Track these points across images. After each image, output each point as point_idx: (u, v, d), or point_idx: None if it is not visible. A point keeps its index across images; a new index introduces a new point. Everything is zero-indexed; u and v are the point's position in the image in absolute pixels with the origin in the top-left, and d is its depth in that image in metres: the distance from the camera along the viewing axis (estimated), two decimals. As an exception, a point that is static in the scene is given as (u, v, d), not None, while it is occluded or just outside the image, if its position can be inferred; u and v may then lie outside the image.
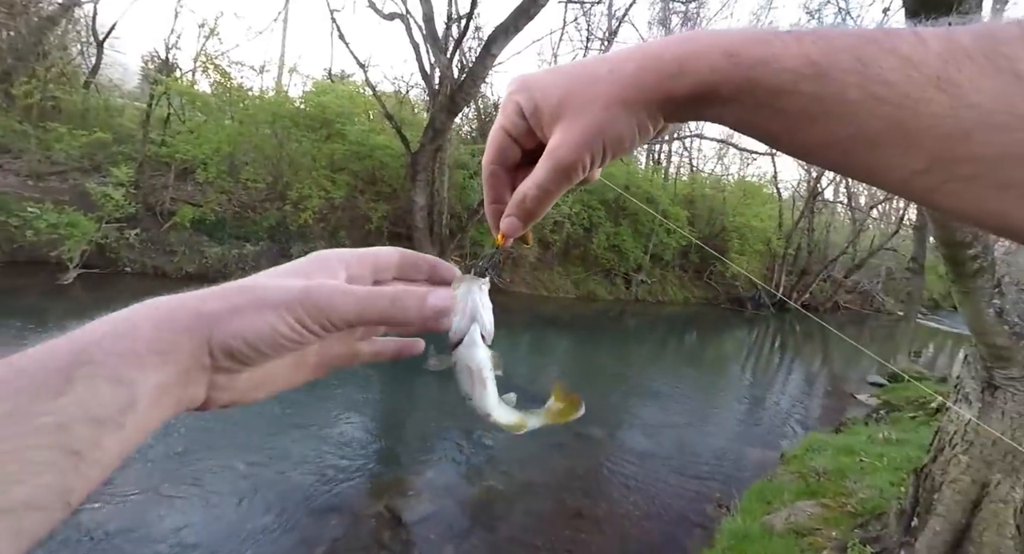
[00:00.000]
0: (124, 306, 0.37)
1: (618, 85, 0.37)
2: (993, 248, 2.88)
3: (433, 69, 12.84)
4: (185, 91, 12.52)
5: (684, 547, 4.37)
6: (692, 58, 0.34)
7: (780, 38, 0.33)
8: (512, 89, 0.42)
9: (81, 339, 0.33)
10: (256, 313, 0.37)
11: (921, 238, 9.18)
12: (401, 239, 14.29)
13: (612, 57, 0.38)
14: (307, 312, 0.38)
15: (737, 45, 0.33)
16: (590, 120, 0.38)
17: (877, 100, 0.30)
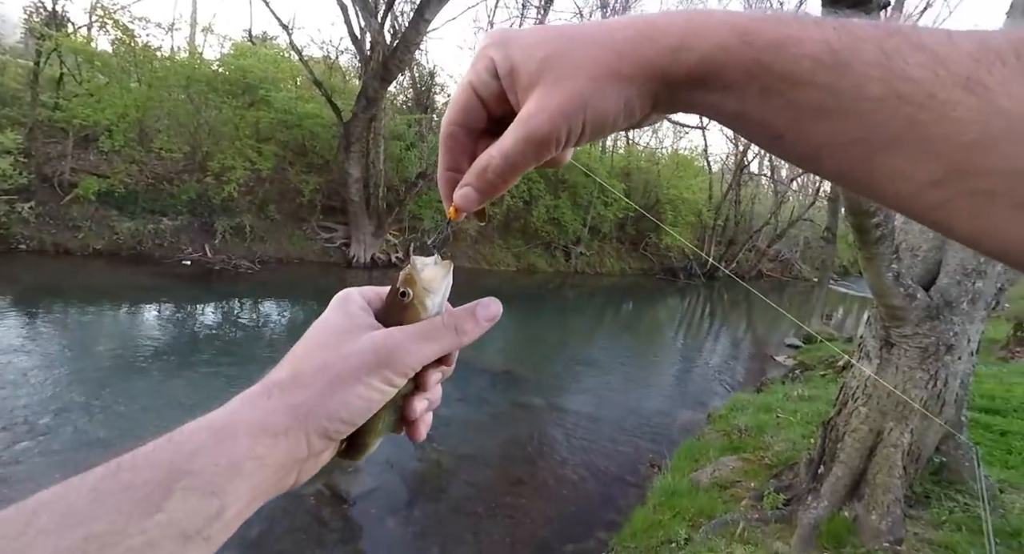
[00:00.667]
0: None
1: (611, 53, 0.33)
2: (893, 217, 3.13)
3: (364, 34, 12.23)
4: (80, 49, 11.27)
5: (619, 506, 4.61)
6: (698, 32, 0.31)
7: (798, 21, 0.30)
8: (487, 43, 0.37)
9: (182, 447, 0.33)
10: (345, 389, 0.37)
11: (834, 209, 9.85)
12: (335, 213, 13.78)
13: (609, 22, 0.34)
14: (391, 369, 0.38)
15: (750, 23, 0.30)
16: (574, 88, 0.33)
17: (899, 98, 0.27)
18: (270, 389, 0.38)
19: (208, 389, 5.71)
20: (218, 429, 0.35)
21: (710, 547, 3.34)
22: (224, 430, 0.35)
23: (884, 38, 0.28)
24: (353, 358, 0.38)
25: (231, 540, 0.34)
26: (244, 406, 0.37)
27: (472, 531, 4.09)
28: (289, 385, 0.38)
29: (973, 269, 3.26)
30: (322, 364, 0.38)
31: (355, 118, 11.98)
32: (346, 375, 0.37)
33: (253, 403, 0.37)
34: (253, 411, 0.36)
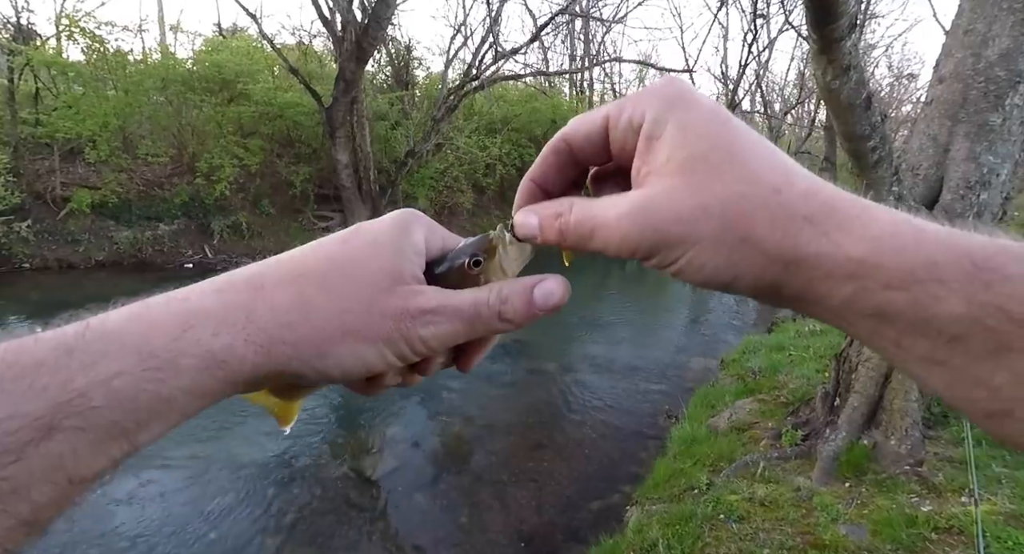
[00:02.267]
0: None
1: (772, 197, 0.29)
2: (890, 138, 3.02)
3: (333, 14, 11.86)
4: (52, 61, 11.05)
5: (640, 459, 4.66)
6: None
7: None
8: (656, 92, 0.32)
9: (85, 369, 0.25)
10: (349, 348, 0.31)
11: (831, 138, 9.63)
12: (329, 201, 13.69)
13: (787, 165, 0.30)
14: (411, 347, 0.33)
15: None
16: (709, 213, 0.29)
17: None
18: (252, 314, 0.30)
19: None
20: (153, 352, 0.27)
21: (732, 490, 3.38)
22: (161, 354, 0.27)
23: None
24: (376, 318, 0.32)
25: (262, 527, 0.28)
26: (200, 326, 0.29)
27: (498, 498, 4.17)
28: (287, 314, 0.30)
29: (977, 181, 3.16)
30: (338, 310, 0.32)
31: (336, 103, 11.74)
32: (359, 332, 0.31)
33: (216, 327, 0.29)
34: (213, 337, 0.28)
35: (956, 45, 3.26)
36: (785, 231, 0.29)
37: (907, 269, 0.26)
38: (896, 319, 0.27)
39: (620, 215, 0.31)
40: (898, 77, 26.02)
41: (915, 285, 0.26)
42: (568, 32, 21.00)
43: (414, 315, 0.32)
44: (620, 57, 22.02)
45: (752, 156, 0.30)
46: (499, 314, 0.34)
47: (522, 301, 0.34)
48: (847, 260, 0.28)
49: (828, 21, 2.35)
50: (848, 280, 0.28)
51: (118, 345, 0.27)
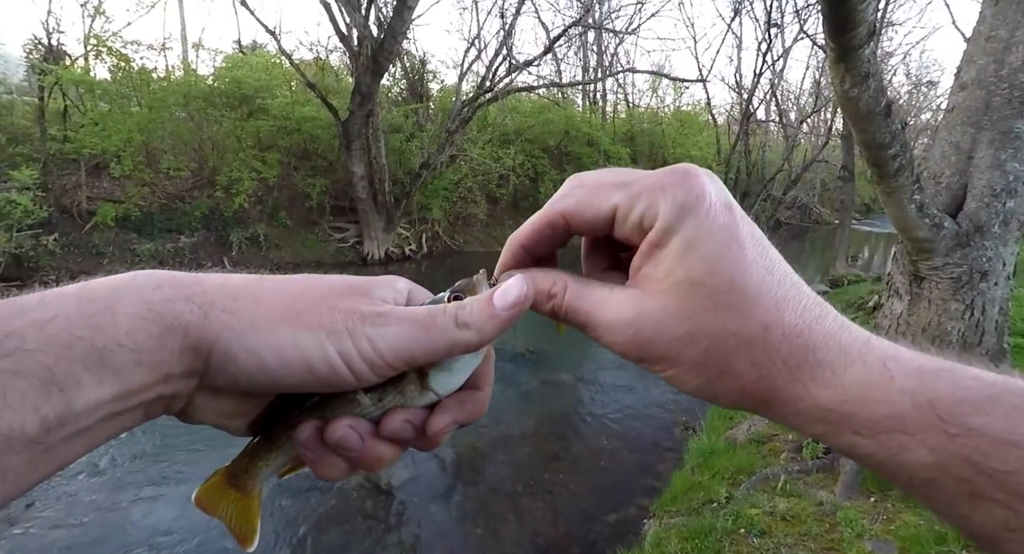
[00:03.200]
0: None
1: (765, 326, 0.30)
2: (911, 146, 2.98)
3: (350, 29, 12.10)
4: (80, 79, 11.39)
5: (657, 471, 4.59)
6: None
7: None
8: (669, 183, 0.34)
9: (22, 313, 0.25)
10: (288, 329, 0.29)
11: (849, 146, 9.51)
12: (345, 212, 13.85)
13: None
14: (356, 344, 0.30)
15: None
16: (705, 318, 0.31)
17: None
18: (205, 280, 0.30)
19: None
20: (91, 297, 0.26)
21: (752, 503, 3.31)
22: (99, 300, 0.26)
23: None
24: (323, 308, 0.30)
25: (279, 537, 0.27)
26: (144, 282, 0.28)
27: (513, 510, 4.13)
28: (232, 288, 0.30)
29: (1002, 189, 3.10)
30: (286, 296, 0.30)
31: (352, 116, 11.92)
32: (302, 318, 0.29)
33: (160, 281, 0.28)
34: (157, 289, 0.28)
35: (978, 51, 3.22)
36: (762, 373, 0.30)
37: (873, 420, 0.28)
38: (868, 460, 0.28)
39: (613, 321, 0.32)
40: (916, 85, 25.70)
41: (881, 435, 0.27)
42: (581, 44, 21.13)
43: (365, 315, 0.31)
44: (633, 68, 22.08)
45: (750, 286, 0.30)
46: (455, 317, 0.32)
47: (479, 303, 0.33)
48: (816, 407, 0.29)
49: (846, 30, 2.34)
50: (819, 423, 0.29)
51: (59, 293, 0.26)
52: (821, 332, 0.30)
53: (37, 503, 3.90)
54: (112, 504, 4.03)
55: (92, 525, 3.81)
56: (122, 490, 4.20)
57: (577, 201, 0.34)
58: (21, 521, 3.73)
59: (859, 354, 0.29)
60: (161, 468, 4.46)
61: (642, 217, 0.32)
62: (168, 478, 4.35)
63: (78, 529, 3.76)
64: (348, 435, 0.33)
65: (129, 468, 4.45)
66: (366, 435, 0.33)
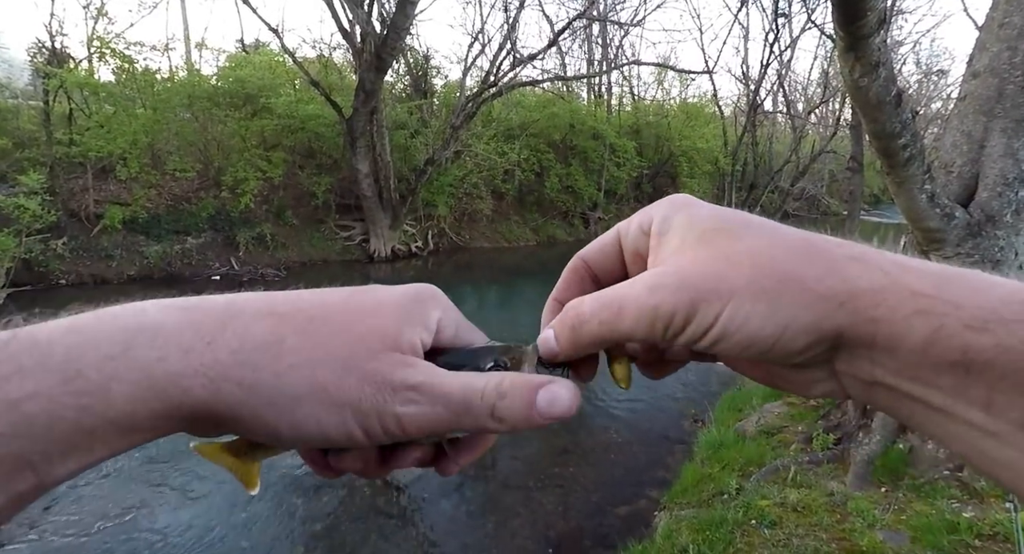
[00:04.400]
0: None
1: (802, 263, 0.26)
2: (921, 136, 2.95)
3: (353, 26, 12.08)
4: (84, 82, 11.45)
5: (667, 464, 4.60)
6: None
7: None
8: (660, 203, 0.33)
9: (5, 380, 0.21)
10: (311, 408, 0.27)
11: (858, 136, 9.40)
12: (351, 210, 13.88)
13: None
14: (381, 421, 0.28)
15: None
16: (727, 273, 0.27)
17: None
18: (213, 344, 0.25)
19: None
20: (81, 371, 0.22)
21: (763, 495, 3.31)
22: (91, 374, 0.23)
23: None
24: (352, 380, 0.27)
25: (291, 535, 0.26)
26: (144, 343, 0.24)
27: (524, 504, 4.15)
28: (252, 352, 0.26)
29: (1015, 178, 3.06)
30: (311, 360, 0.27)
31: (356, 113, 11.93)
32: (328, 393, 0.27)
33: (162, 344, 0.24)
34: (158, 361, 0.24)
35: (991, 39, 3.18)
36: (828, 268, 0.26)
37: (988, 307, 0.22)
38: (985, 370, 0.22)
39: (647, 286, 0.28)
40: (926, 74, 25.40)
41: (1000, 327, 0.22)
42: (586, 36, 21.01)
43: (396, 387, 0.28)
44: (639, 60, 21.93)
45: (769, 224, 0.29)
46: (492, 410, 0.29)
47: (522, 401, 0.29)
48: (912, 294, 0.24)
49: (855, 18, 2.32)
50: (920, 315, 0.23)
51: (39, 359, 0.22)
52: (876, 249, 0.27)
53: (55, 506, 3.96)
54: (128, 504, 4.09)
55: (108, 526, 3.86)
56: (137, 490, 4.25)
57: (591, 244, 0.36)
58: (40, 523, 3.79)
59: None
60: (173, 467, 4.51)
61: (640, 223, 0.33)
62: (181, 476, 4.40)
63: (95, 530, 3.82)
64: (353, 464, 0.32)
65: (144, 469, 4.50)
66: (372, 463, 0.32)
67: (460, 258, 14.74)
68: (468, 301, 10.65)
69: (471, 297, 11.09)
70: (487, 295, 11.36)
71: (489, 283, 12.37)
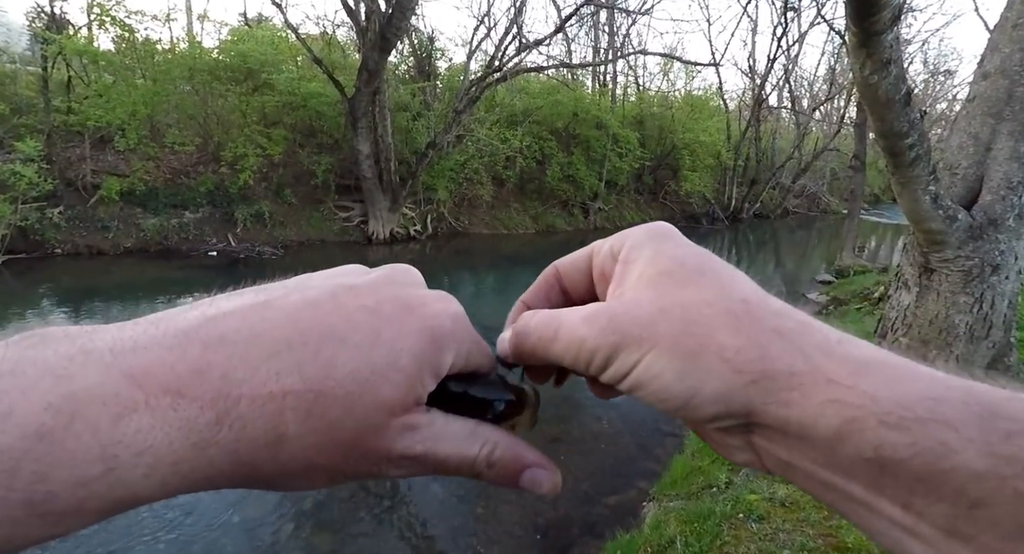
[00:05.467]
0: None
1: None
2: (928, 136, 2.93)
3: (358, 3, 11.90)
4: (84, 49, 11.27)
5: (657, 455, 4.63)
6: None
7: None
8: (640, 229, 0.34)
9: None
10: (307, 478, 0.27)
11: (862, 135, 9.39)
12: (351, 191, 13.80)
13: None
14: (373, 477, 0.29)
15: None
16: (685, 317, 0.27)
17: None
18: (223, 432, 0.23)
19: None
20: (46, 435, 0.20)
21: (751, 489, 3.34)
22: (55, 439, 0.20)
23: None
24: (352, 459, 0.27)
25: (280, 512, 0.26)
26: (173, 399, 0.22)
27: (513, 490, 4.18)
28: (250, 447, 0.24)
29: (1019, 182, 3.05)
30: (314, 448, 0.26)
31: (358, 93, 11.79)
32: (326, 470, 0.27)
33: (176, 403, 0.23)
34: (172, 427, 0.22)
35: (1003, 40, 3.14)
36: (751, 339, 0.25)
37: (904, 404, 0.21)
38: (900, 470, 0.21)
39: (583, 317, 0.29)
40: (933, 74, 25.25)
41: (916, 426, 0.21)
42: (593, 24, 20.77)
43: (393, 458, 0.28)
44: (645, 50, 21.73)
45: (724, 274, 0.29)
46: (479, 474, 0.30)
47: (508, 474, 0.31)
48: (827, 381, 0.23)
49: (869, 13, 2.28)
50: (832, 405, 0.23)
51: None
52: (815, 320, 0.27)
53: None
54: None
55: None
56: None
57: (568, 256, 0.37)
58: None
59: (866, 343, 0.25)
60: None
61: (612, 245, 0.34)
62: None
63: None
64: None
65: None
66: None
67: (459, 243, 14.69)
68: (466, 286, 10.64)
69: (469, 283, 11.08)
70: (484, 281, 11.35)
71: (487, 269, 12.35)
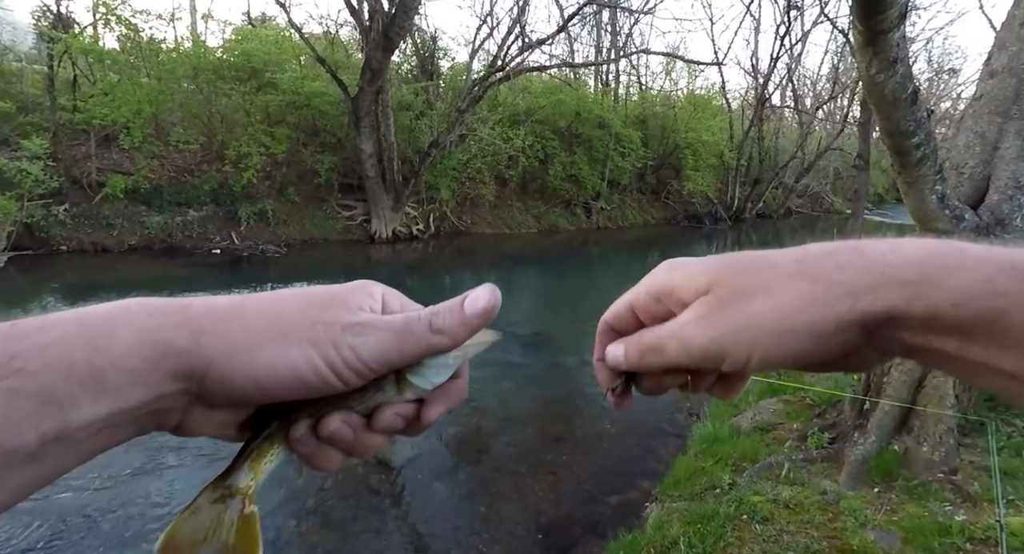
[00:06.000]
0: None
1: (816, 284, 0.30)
2: (935, 135, 2.91)
3: (361, 3, 11.90)
4: (89, 48, 11.31)
5: (660, 455, 4.62)
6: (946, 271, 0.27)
7: None
8: (658, 267, 0.38)
9: (24, 337, 0.26)
10: (276, 346, 0.31)
11: (866, 134, 9.34)
12: (354, 190, 13.80)
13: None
14: (340, 354, 0.32)
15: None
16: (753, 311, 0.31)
17: None
18: (193, 304, 0.31)
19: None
20: (94, 321, 0.28)
21: (755, 490, 3.32)
22: (102, 323, 0.28)
23: None
24: (310, 322, 0.32)
25: (284, 511, 0.27)
26: (138, 310, 0.29)
27: (516, 489, 4.17)
28: (220, 311, 0.31)
29: (1026, 182, 3.03)
30: (274, 308, 0.32)
31: (362, 92, 11.80)
32: (287, 333, 0.31)
33: (153, 308, 0.30)
34: (149, 316, 0.29)
35: (1011, 38, 3.12)
36: (834, 269, 0.30)
37: (962, 287, 0.26)
38: (1007, 322, 0.26)
39: (687, 319, 0.34)
40: (938, 72, 25.14)
41: (977, 302, 0.26)
42: (595, 23, 20.72)
43: (346, 326, 0.32)
44: (648, 49, 21.68)
45: (750, 257, 0.34)
46: (430, 324, 0.34)
47: (451, 310, 0.35)
48: (898, 275, 0.28)
49: (876, 11, 2.27)
50: (898, 291, 0.28)
51: (59, 319, 0.28)
52: (846, 242, 0.32)
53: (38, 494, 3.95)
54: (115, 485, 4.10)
55: (114, 494, 3.88)
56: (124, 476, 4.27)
57: (609, 310, 0.42)
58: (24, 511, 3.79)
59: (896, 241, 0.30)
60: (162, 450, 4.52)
61: (647, 287, 0.38)
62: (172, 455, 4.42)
63: (83, 523, 3.83)
64: (340, 429, 0.35)
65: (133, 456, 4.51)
66: (358, 428, 0.36)
67: (461, 243, 14.69)
68: (468, 285, 10.53)
69: (471, 281, 11.07)
70: (487, 280, 11.20)
71: (489, 268, 12.34)
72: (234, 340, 0.30)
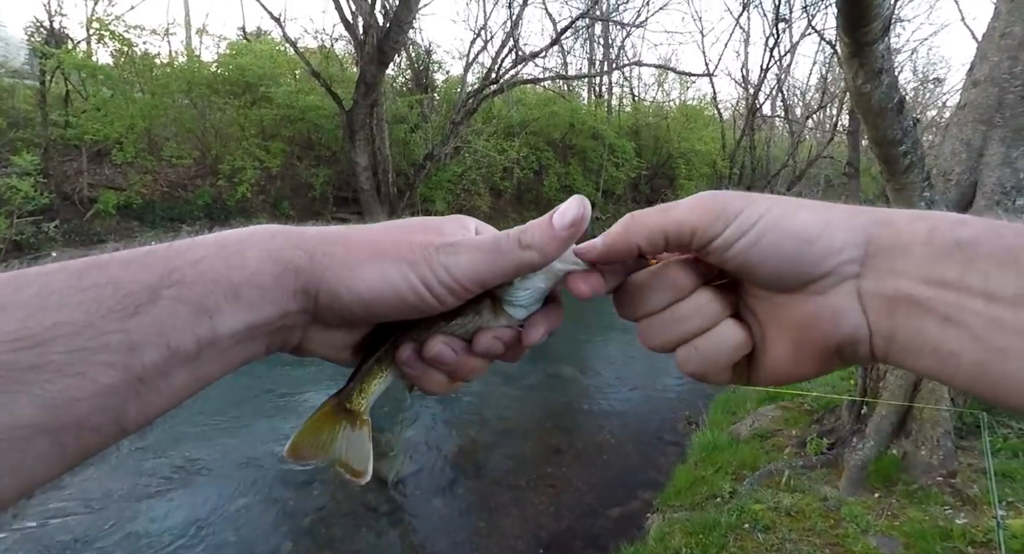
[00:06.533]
0: None
1: None
2: (922, 143, 2.96)
3: (356, 18, 12.00)
4: (82, 64, 11.30)
5: (660, 465, 4.60)
6: None
7: None
8: None
9: (183, 253, 0.30)
10: (376, 265, 0.34)
11: (855, 142, 9.47)
12: (348, 203, 13.81)
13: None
14: (434, 272, 0.34)
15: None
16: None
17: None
18: (307, 232, 0.35)
19: (248, 386, 5.83)
20: (228, 244, 0.32)
21: (756, 498, 3.32)
22: (235, 245, 0.32)
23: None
24: (408, 244, 0.35)
25: (280, 529, 0.29)
26: (262, 234, 0.33)
27: (516, 503, 4.14)
28: (329, 237, 0.35)
29: (1012, 187, 3.08)
30: (375, 234, 0.36)
31: (356, 105, 11.85)
32: (386, 253, 0.34)
33: (275, 233, 0.34)
34: (272, 238, 0.33)
35: (991, 48, 3.19)
36: (854, 212, 0.33)
37: (1006, 247, 0.28)
38: (976, 249, 0.28)
39: (688, 201, 0.35)
40: (923, 81, 25.56)
41: (975, 222, 0.30)
42: (588, 36, 20.98)
43: (437, 246, 0.35)
44: (640, 61, 21.94)
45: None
46: (519, 241, 0.35)
47: (540, 225, 0.36)
48: (909, 216, 0.32)
49: (861, 24, 2.32)
50: (920, 222, 0.31)
51: (203, 240, 0.32)
52: None
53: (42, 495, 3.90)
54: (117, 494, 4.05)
55: (111, 512, 3.83)
56: (126, 479, 4.21)
57: None
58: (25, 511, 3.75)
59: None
60: (164, 456, 4.47)
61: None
62: (172, 467, 4.36)
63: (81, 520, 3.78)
64: (443, 351, 0.38)
65: (134, 459, 4.46)
66: (460, 351, 0.39)
67: (456, 254, 14.67)
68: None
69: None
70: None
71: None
72: (340, 259, 0.34)
